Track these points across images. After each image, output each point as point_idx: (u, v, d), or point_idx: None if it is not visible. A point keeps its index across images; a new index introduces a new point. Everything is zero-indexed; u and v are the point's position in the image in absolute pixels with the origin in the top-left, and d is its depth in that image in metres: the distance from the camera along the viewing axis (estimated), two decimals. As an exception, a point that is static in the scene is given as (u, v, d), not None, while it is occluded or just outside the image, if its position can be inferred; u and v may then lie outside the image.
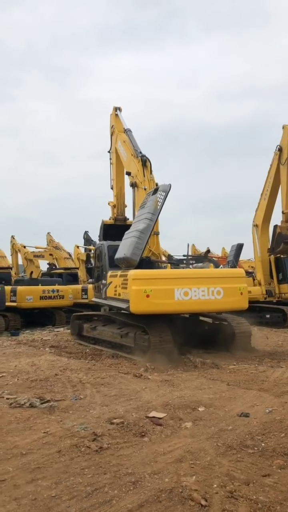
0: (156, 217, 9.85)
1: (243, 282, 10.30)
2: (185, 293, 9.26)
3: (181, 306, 9.37)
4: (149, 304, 9.05)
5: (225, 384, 6.88)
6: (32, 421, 5.12)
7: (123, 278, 9.93)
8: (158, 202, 9.80)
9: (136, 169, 11.40)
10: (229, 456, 3.98)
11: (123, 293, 9.83)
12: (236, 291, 9.77)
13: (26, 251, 22.11)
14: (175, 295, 9.19)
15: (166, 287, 9.22)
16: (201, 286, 9.41)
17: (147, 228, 9.66)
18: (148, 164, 11.20)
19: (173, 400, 5.89)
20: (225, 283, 9.78)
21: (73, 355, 10.38)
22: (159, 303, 9.09)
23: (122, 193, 13.83)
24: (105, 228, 13.46)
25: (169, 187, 9.88)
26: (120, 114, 13.61)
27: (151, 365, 8.43)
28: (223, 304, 9.70)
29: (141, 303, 9.08)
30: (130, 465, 3.82)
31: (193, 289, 9.32)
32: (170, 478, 3.54)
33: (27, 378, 7.52)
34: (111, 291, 10.79)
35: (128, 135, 12.57)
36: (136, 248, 9.58)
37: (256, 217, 17.61)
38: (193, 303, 9.34)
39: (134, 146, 11.98)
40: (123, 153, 12.62)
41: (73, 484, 3.50)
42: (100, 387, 6.76)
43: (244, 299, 9.98)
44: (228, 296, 9.62)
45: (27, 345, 12.56)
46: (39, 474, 3.69)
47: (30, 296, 17.97)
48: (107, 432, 4.65)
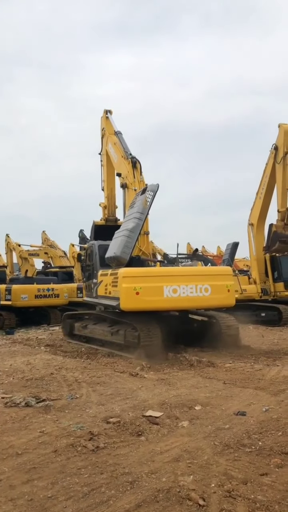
0: (145, 216, 10.09)
1: (230, 280, 10.59)
2: (174, 290, 9.48)
3: (170, 303, 9.60)
4: (138, 301, 9.28)
5: (221, 382, 6.87)
6: (27, 421, 5.08)
7: (113, 277, 10.10)
8: (146, 202, 10.02)
9: (126, 170, 11.64)
10: (226, 455, 3.97)
11: (113, 291, 10.02)
12: (223, 288, 10.06)
13: (21, 249, 22.03)
14: (164, 292, 9.41)
15: (155, 284, 9.44)
16: (189, 283, 9.65)
17: (136, 227, 9.90)
18: (138, 165, 11.44)
19: (169, 399, 5.87)
20: (213, 280, 10.03)
21: (69, 354, 10.34)
22: (148, 300, 9.32)
23: (113, 194, 14.06)
24: (96, 229, 13.68)
25: (157, 187, 10.15)
26: (110, 116, 13.87)
27: (147, 364, 8.41)
28: (210, 301, 9.98)
29: (131, 300, 9.31)
30: (127, 465, 3.80)
31: (182, 286, 9.55)
32: (168, 478, 3.52)
33: (22, 377, 7.47)
34: (102, 289, 10.94)
35: (119, 137, 12.80)
36: (125, 247, 9.80)
37: (252, 215, 17.62)
38: (181, 300, 9.56)
39: (124, 148, 12.22)
40: (114, 154, 12.83)
41: (70, 484, 3.47)
42: (96, 386, 6.73)
43: (231, 296, 10.27)
44: (216, 293, 9.89)
45: (22, 344, 12.51)
46: (35, 474, 3.65)
47: (25, 294, 17.89)
48: (104, 431, 4.62)
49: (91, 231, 14.01)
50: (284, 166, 15.59)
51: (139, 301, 9.31)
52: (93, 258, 12.17)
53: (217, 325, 10.32)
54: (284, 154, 15.61)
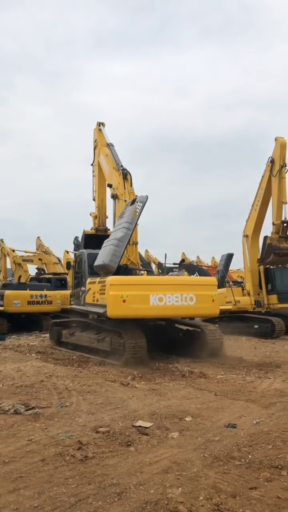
0: (133, 226, 10.36)
1: (215, 290, 10.83)
2: (160, 298, 9.74)
3: (156, 311, 9.80)
4: (125, 308, 9.48)
5: (212, 394, 6.84)
6: (16, 428, 5.02)
7: (101, 285, 10.28)
8: (136, 212, 10.25)
9: (117, 181, 11.93)
10: (215, 467, 3.93)
11: (101, 298, 10.20)
12: (208, 298, 10.35)
13: (15, 255, 21.96)
14: (150, 300, 9.65)
15: (142, 292, 9.67)
16: (174, 292, 9.89)
17: (125, 236, 10.14)
18: (128, 177, 11.77)
19: (160, 409, 5.83)
20: (198, 290, 10.29)
21: (60, 361, 10.26)
22: (134, 307, 9.53)
23: (104, 205, 14.42)
24: (86, 238, 13.97)
25: (146, 198, 10.42)
26: (103, 129, 14.24)
27: (138, 373, 8.37)
28: (195, 310, 10.30)
29: (118, 308, 9.50)
30: (115, 475, 3.75)
31: (167, 295, 9.80)
32: (156, 490, 3.48)
33: (12, 384, 7.39)
34: (90, 297, 11.09)
35: (111, 149, 13.15)
36: (114, 256, 10.02)
37: (247, 227, 17.70)
38: (167, 308, 9.82)
39: (116, 159, 12.58)
40: (105, 166, 13.18)
41: (57, 494, 3.42)
42: (87, 395, 6.67)
43: (216, 306, 10.56)
44: (200, 302, 10.14)
45: (13, 350, 12.40)
46: (22, 484, 3.60)
47: (17, 300, 17.77)
48: (93, 441, 4.57)
49: (81, 240, 14.33)
50: (280, 179, 15.73)
51: (126, 309, 9.49)
52: (82, 266, 12.36)
53: (203, 336, 10.45)
54: (280, 167, 15.76)
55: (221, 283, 19.59)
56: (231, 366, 9.62)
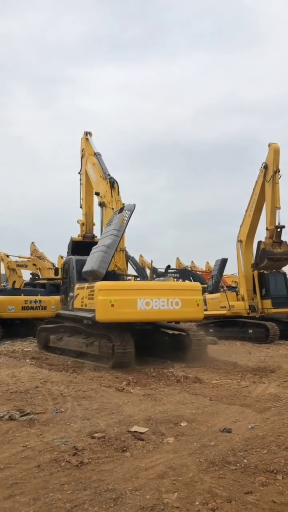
0: (121, 234, 10.68)
1: (199, 295, 11.24)
2: (147, 303, 10.06)
3: (143, 315, 10.14)
4: (113, 313, 9.77)
5: (207, 399, 6.85)
6: (11, 434, 5.00)
7: (89, 290, 10.56)
8: (124, 220, 10.60)
9: (104, 189, 12.31)
10: (211, 472, 3.94)
11: (89, 303, 10.48)
12: (193, 303, 10.70)
13: (9, 260, 21.85)
14: (138, 305, 9.96)
15: (130, 297, 10.00)
16: (161, 297, 10.25)
17: (113, 243, 10.47)
18: (115, 185, 12.18)
19: (155, 414, 5.83)
20: (183, 295, 10.66)
21: (54, 367, 10.23)
22: (123, 312, 9.83)
23: (91, 212, 14.80)
24: (73, 244, 14.24)
25: (133, 206, 10.78)
26: (90, 138, 14.61)
27: (134, 379, 8.37)
28: (181, 314, 10.64)
29: (106, 312, 9.80)
30: (111, 481, 3.75)
31: (154, 300, 10.14)
32: (152, 495, 3.48)
33: (6, 390, 7.35)
34: (78, 302, 11.36)
35: (98, 158, 13.53)
36: (102, 262, 10.34)
37: (241, 232, 17.79)
38: (154, 312, 10.14)
39: (103, 168, 12.98)
40: (93, 174, 13.56)
41: (52, 500, 3.41)
42: (82, 400, 6.66)
43: (200, 310, 10.97)
44: (186, 306, 10.50)
45: (8, 356, 12.35)
46: (17, 490, 3.59)
47: (12, 306, 17.70)
48: (88, 446, 4.57)
49: (68, 247, 14.60)
50: (274, 184, 15.85)
51: (114, 313, 9.77)
52: (70, 272, 12.55)
53: (188, 339, 10.77)
54: (273, 173, 15.89)
55: (215, 288, 19.68)
56: (226, 371, 9.63)
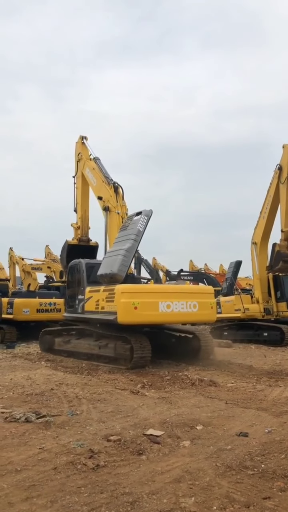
0: (140, 238, 10.79)
1: (213, 298, 11.77)
2: (168, 305, 10.32)
3: (164, 317, 10.41)
4: (136, 315, 9.93)
5: (223, 402, 6.80)
6: (27, 436, 5.03)
7: (108, 293, 10.63)
8: (141, 225, 10.76)
9: (108, 194, 12.48)
10: (228, 477, 3.91)
11: (107, 306, 10.54)
12: (207, 305, 11.08)
13: (24, 263, 22.04)
14: (160, 307, 10.19)
15: (152, 300, 10.20)
16: (181, 300, 10.53)
17: (132, 247, 10.61)
18: (119, 190, 12.36)
19: (170, 417, 5.80)
20: (199, 298, 10.98)
21: (69, 369, 10.27)
22: (145, 314, 10.02)
23: (86, 216, 14.98)
24: (69, 248, 14.42)
25: (150, 212, 10.92)
26: (86, 142, 14.82)
27: (148, 382, 8.36)
28: (198, 316, 10.98)
29: (129, 315, 9.93)
30: (127, 484, 3.74)
31: (174, 302, 10.41)
32: (169, 499, 3.46)
33: (22, 392, 7.41)
34: (92, 305, 11.38)
35: (97, 163, 13.70)
36: (122, 265, 10.43)
37: (255, 234, 17.65)
38: (174, 315, 10.41)
39: (104, 173, 13.12)
40: (92, 179, 13.69)
41: (69, 503, 3.41)
42: (97, 403, 6.67)
43: (213, 313, 11.38)
44: (202, 309, 10.83)
45: (23, 358, 12.45)
46: (34, 492, 3.60)
47: (27, 308, 17.85)
48: (104, 449, 4.57)
49: (63, 250, 14.77)
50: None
51: (137, 315, 9.93)
52: (79, 275, 12.54)
53: (195, 340, 11.08)
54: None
55: (229, 291, 19.55)
56: (241, 374, 9.56)
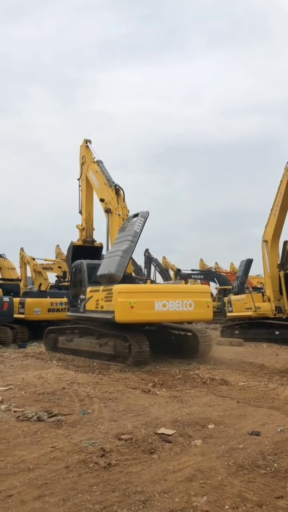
0: (137, 239, 11.10)
1: (209, 297, 12.01)
2: (164, 304, 10.62)
3: (160, 316, 10.71)
4: (133, 314, 10.26)
5: (234, 401, 6.77)
6: (39, 435, 5.06)
7: (106, 292, 10.95)
8: (138, 227, 11.09)
9: (110, 196, 12.74)
10: (240, 476, 3.89)
11: (106, 305, 10.86)
12: (204, 304, 11.33)
13: (35, 263, 22.18)
14: (155, 306, 10.49)
15: (148, 299, 10.50)
16: (176, 299, 10.83)
17: (129, 248, 10.93)
18: (121, 192, 12.63)
19: (182, 416, 5.79)
20: (195, 297, 11.25)
21: (80, 368, 10.31)
22: (142, 313, 10.33)
23: (91, 217, 15.26)
24: (74, 248, 14.72)
25: (147, 213, 11.25)
26: (90, 145, 15.03)
27: (159, 381, 8.36)
28: (194, 315, 11.27)
29: (126, 313, 10.25)
30: (139, 483, 3.74)
31: (170, 302, 10.71)
32: (181, 498, 3.46)
33: (34, 391, 7.46)
34: (92, 305, 11.70)
35: (100, 166, 13.94)
36: (120, 266, 10.74)
37: (266, 232, 17.52)
38: (170, 313, 10.72)
39: (106, 176, 13.40)
40: (95, 181, 13.97)
41: (81, 501, 3.42)
42: (108, 402, 6.68)
43: (210, 311, 11.59)
44: (198, 308, 11.10)
45: (34, 358, 12.52)
46: (47, 490, 3.62)
47: (38, 308, 17.96)
48: (116, 448, 4.58)
49: (68, 251, 15.12)
50: (299, 183, 15.53)
51: (133, 314, 10.26)
52: (81, 275, 12.85)
53: (194, 338, 11.29)
54: (298, 172, 15.58)
55: (240, 289, 19.44)
56: (253, 373, 9.51)
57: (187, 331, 11.75)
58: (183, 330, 11.97)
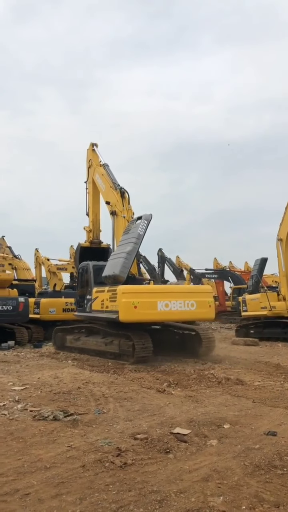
0: (140, 241, 11.45)
1: (211, 297, 12.23)
2: (166, 304, 10.93)
3: (163, 315, 11.03)
4: (136, 314, 10.60)
5: (250, 401, 6.73)
6: (55, 434, 5.10)
7: (111, 293, 11.28)
8: (141, 229, 11.42)
9: (115, 199, 13.04)
10: (257, 476, 3.86)
11: (111, 305, 11.20)
12: (205, 304, 11.58)
13: (49, 263, 22.35)
14: (158, 306, 10.82)
15: (151, 299, 10.84)
16: (178, 299, 11.13)
17: (133, 250, 11.28)
18: (126, 195, 12.92)
19: (197, 416, 5.78)
20: (197, 297, 11.53)
21: (96, 368, 10.36)
22: (144, 313, 10.68)
23: (98, 219, 15.61)
24: (81, 250, 15.11)
25: (150, 216, 11.60)
26: (96, 149, 15.30)
27: (174, 380, 8.35)
28: (196, 315, 11.55)
29: (130, 313, 10.59)
30: (155, 483, 3.75)
31: (172, 302, 11.00)
32: (197, 498, 3.45)
33: (50, 390, 7.52)
34: (98, 305, 12.05)
35: (106, 169, 14.20)
36: (124, 267, 11.09)
37: (281, 231, 17.36)
38: (172, 313, 11.01)
39: (112, 179, 13.65)
40: (101, 184, 14.26)
41: (98, 500, 3.44)
42: (123, 402, 6.70)
43: (212, 311, 11.82)
44: (200, 307, 11.37)
45: (50, 358, 12.62)
46: (63, 489, 3.65)
47: (53, 308, 18.09)
48: (131, 447, 4.59)
49: (76, 252, 15.49)
50: (314, 181, 15.36)
51: (137, 314, 10.59)
52: (88, 276, 13.22)
53: (198, 337, 11.53)
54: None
55: (255, 289, 19.30)
56: (268, 372, 9.44)
57: (190, 330, 11.97)
58: (186, 329, 12.20)
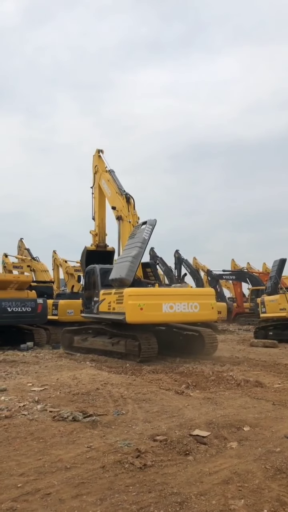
0: (145, 246, 11.85)
1: (214, 299, 12.63)
2: (171, 307, 11.36)
3: (168, 317, 11.48)
4: (142, 315, 11.03)
5: (270, 403, 6.65)
6: (75, 435, 5.12)
7: (118, 295, 11.70)
8: (146, 234, 11.78)
9: (121, 204, 13.40)
10: (278, 480, 3.82)
11: (118, 307, 11.62)
12: (208, 306, 12.06)
13: (67, 265, 22.49)
14: (163, 308, 11.26)
15: (156, 302, 11.29)
16: (182, 301, 11.55)
17: (138, 254, 11.68)
18: (131, 200, 13.27)
19: (216, 418, 5.74)
20: (200, 299, 11.97)
21: (114, 369, 10.38)
22: (150, 314, 11.13)
23: (103, 224, 15.94)
24: (87, 253, 15.43)
25: (155, 221, 12.01)
26: (102, 155, 15.59)
27: (192, 382, 8.31)
28: (199, 316, 11.97)
29: (136, 315, 11.02)
30: (175, 485, 3.74)
31: (177, 304, 11.44)
32: (218, 501, 3.43)
33: (69, 391, 7.56)
34: (105, 306, 12.46)
35: (112, 175, 14.49)
36: (130, 271, 11.49)
37: (299, 231, 17.16)
38: (176, 315, 11.46)
39: (118, 184, 13.96)
40: (107, 190, 14.58)
41: (118, 501, 3.45)
42: (142, 403, 6.70)
43: (214, 313, 12.48)
44: (203, 309, 11.82)
45: (68, 359, 12.70)
46: (84, 490, 3.67)
47: (71, 309, 18.21)
48: (151, 449, 4.58)
49: (82, 255, 15.76)
50: None
51: (143, 315, 11.02)
52: (95, 279, 13.61)
53: (201, 338, 11.94)
54: None
55: (274, 290, 19.08)
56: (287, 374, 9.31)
57: (194, 331, 12.29)
58: (190, 330, 12.50)
